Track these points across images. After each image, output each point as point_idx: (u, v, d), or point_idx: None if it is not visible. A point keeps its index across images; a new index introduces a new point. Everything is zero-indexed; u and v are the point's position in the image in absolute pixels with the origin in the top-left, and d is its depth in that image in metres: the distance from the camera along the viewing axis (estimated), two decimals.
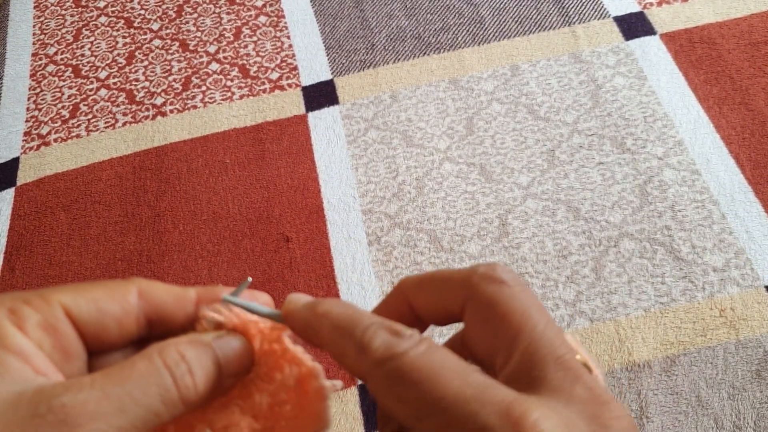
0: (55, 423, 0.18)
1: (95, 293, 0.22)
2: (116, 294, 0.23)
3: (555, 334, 0.21)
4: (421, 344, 0.20)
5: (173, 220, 0.62)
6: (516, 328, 0.21)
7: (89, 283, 0.23)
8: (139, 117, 0.70)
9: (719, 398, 0.48)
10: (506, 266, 0.23)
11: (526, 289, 0.22)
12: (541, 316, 0.21)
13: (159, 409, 0.20)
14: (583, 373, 0.20)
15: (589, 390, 0.19)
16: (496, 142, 0.64)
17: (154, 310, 0.23)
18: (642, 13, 0.72)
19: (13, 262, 0.61)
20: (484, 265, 0.23)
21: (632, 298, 0.53)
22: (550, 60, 0.69)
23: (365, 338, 0.20)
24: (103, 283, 0.23)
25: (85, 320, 0.22)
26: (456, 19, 0.74)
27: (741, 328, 0.51)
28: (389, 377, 0.20)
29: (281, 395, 0.24)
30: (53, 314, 0.21)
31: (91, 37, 0.78)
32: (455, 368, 0.19)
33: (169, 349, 0.21)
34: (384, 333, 0.20)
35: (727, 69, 0.66)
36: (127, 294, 0.23)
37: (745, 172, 0.59)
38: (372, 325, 0.21)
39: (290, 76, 0.72)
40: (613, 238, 0.57)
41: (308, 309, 0.23)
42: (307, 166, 0.64)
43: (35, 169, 0.67)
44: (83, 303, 0.22)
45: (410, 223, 0.59)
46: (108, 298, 0.22)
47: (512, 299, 0.21)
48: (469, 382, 0.19)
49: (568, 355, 0.20)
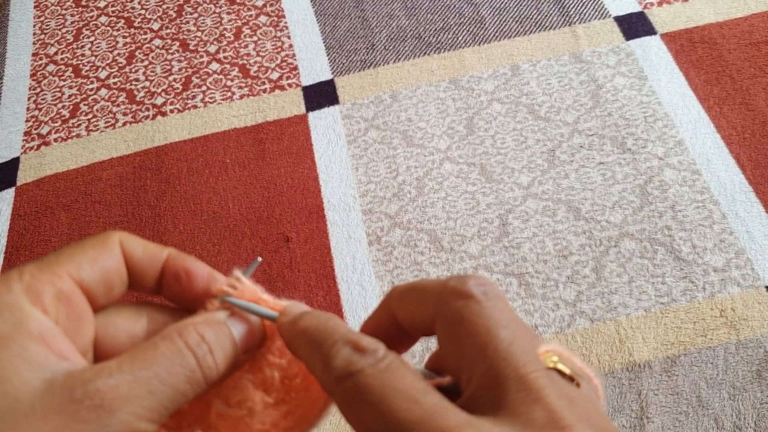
0: (92, 407, 0.19)
1: (91, 253, 0.23)
2: (107, 249, 0.23)
3: (522, 350, 0.20)
4: (382, 362, 0.20)
5: (173, 220, 0.62)
6: (479, 346, 0.20)
7: (80, 244, 0.23)
8: (140, 117, 0.70)
9: (720, 398, 0.48)
10: (482, 277, 0.22)
11: (498, 303, 0.21)
12: (509, 332, 0.20)
13: (185, 389, 0.21)
14: (548, 392, 0.19)
15: (549, 413, 0.18)
16: (497, 142, 0.64)
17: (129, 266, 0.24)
18: (642, 13, 0.72)
19: (13, 262, 0.61)
20: (456, 277, 0.22)
21: (633, 298, 0.53)
22: (551, 60, 0.69)
23: (330, 355, 0.20)
24: (91, 242, 0.23)
25: (92, 285, 0.22)
26: (456, 18, 0.74)
27: (741, 328, 0.51)
28: (346, 395, 0.20)
29: (292, 368, 0.25)
30: (64, 284, 0.21)
31: (91, 36, 0.78)
32: (407, 390, 0.19)
33: (189, 330, 0.22)
34: (347, 349, 0.20)
35: (728, 69, 0.66)
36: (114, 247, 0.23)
37: (746, 172, 0.59)
38: (338, 341, 0.21)
39: (290, 75, 0.72)
40: (613, 238, 0.56)
41: (290, 324, 0.23)
42: (307, 166, 0.64)
43: (35, 169, 0.67)
44: (88, 268, 0.22)
45: (410, 223, 0.59)
46: (104, 256, 0.23)
47: (478, 316, 0.21)
48: (420, 404, 0.19)
49: (534, 374, 0.19)
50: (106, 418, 0.19)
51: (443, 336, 0.21)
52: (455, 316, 0.21)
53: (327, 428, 0.50)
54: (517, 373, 0.19)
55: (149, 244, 0.24)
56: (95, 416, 0.19)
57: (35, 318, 0.20)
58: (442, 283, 0.22)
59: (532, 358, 0.20)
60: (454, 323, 0.21)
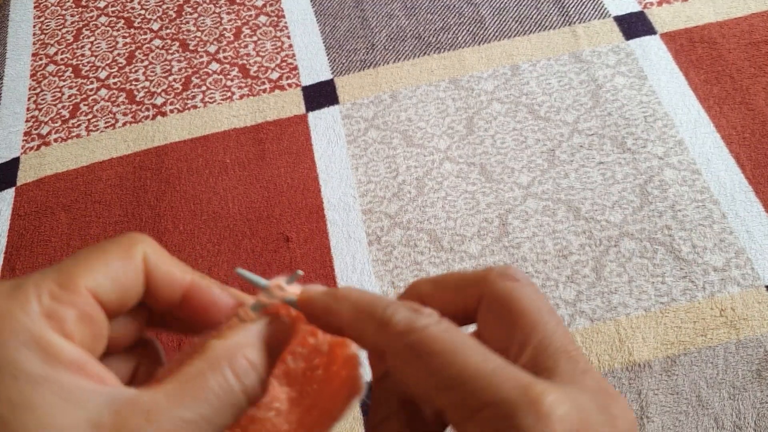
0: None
1: (113, 266, 0.22)
2: (129, 262, 0.22)
3: (565, 332, 0.22)
4: (442, 322, 0.21)
5: (173, 220, 0.62)
6: (530, 323, 0.22)
7: (101, 251, 0.22)
8: (140, 117, 0.70)
9: (720, 398, 0.48)
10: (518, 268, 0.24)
11: (538, 290, 0.23)
12: (552, 316, 0.22)
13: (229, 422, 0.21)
14: (591, 367, 0.21)
15: (599, 382, 0.20)
16: (497, 142, 0.64)
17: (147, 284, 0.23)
18: (642, 13, 0.72)
19: (13, 262, 0.61)
20: (499, 266, 0.24)
21: (633, 298, 0.53)
22: (551, 60, 0.69)
23: (387, 313, 0.21)
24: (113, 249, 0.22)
25: (109, 299, 0.21)
26: (456, 18, 0.74)
27: (741, 327, 0.51)
28: (411, 348, 0.20)
29: (314, 360, 0.25)
30: (86, 304, 0.20)
31: (91, 37, 0.78)
32: (475, 346, 0.20)
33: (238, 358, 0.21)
34: (405, 309, 0.21)
35: (728, 68, 0.66)
36: (136, 259, 0.22)
37: (746, 171, 0.59)
38: (392, 303, 0.22)
39: (290, 75, 0.72)
40: (613, 238, 0.56)
41: (328, 294, 0.23)
42: (307, 165, 0.64)
43: (35, 169, 0.67)
44: (106, 283, 0.21)
45: (410, 223, 0.59)
46: (124, 270, 0.22)
47: (527, 297, 0.22)
48: (489, 359, 0.20)
49: (577, 352, 0.21)
50: None
51: (489, 315, 0.23)
52: (505, 296, 0.22)
53: None
54: (566, 349, 0.21)
55: (173, 264, 0.23)
56: None
57: (63, 348, 0.19)
58: (486, 270, 0.23)
59: (572, 340, 0.22)
60: (504, 302, 0.22)
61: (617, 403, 0.20)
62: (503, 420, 0.18)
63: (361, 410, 0.50)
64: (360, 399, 0.26)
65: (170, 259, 0.23)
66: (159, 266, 0.23)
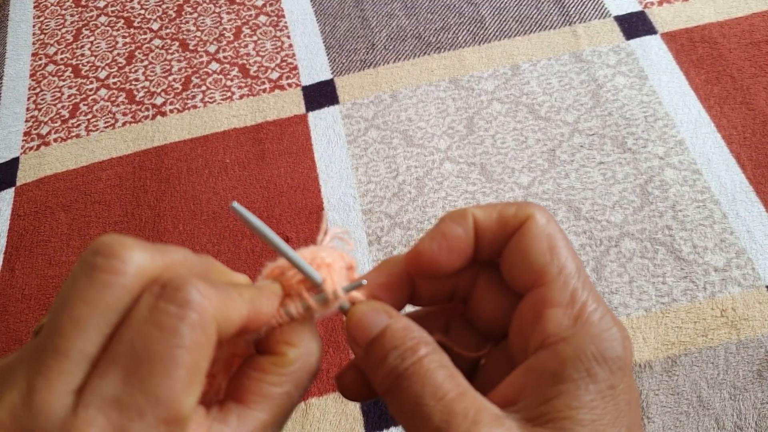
0: None
1: (239, 304, 0.21)
2: (253, 305, 0.22)
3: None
4: None
5: (173, 220, 0.62)
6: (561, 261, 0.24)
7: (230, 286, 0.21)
8: (139, 117, 0.70)
9: (720, 398, 0.48)
10: None
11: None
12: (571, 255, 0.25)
13: None
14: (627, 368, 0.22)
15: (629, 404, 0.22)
16: (497, 142, 0.64)
17: None
18: (643, 13, 0.72)
19: (13, 262, 0.61)
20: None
21: (633, 298, 0.53)
22: (551, 59, 0.69)
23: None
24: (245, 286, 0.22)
25: None
26: (456, 18, 0.74)
27: (742, 328, 0.51)
28: None
29: None
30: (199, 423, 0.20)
31: (91, 36, 0.78)
32: None
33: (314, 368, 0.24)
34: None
35: (728, 68, 0.66)
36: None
37: (747, 171, 0.59)
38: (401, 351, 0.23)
39: (290, 75, 0.71)
40: (614, 238, 0.56)
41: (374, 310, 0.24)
42: (307, 165, 0.64)
43: (35, 169, 0.67)
44: (232, 321, 0.20)
45: (411, 223, 0.59)
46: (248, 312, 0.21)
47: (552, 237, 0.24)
48: None
49: None
50: None
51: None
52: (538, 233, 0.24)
53: (327, 428, 0.49)
54: None
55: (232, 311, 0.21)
56: None
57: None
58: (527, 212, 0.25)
59: None
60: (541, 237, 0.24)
61: None
62: None
63: (361, 411, 0.50)
64: None
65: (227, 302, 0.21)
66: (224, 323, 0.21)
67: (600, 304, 0.23)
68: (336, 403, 0.50)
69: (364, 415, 0.50)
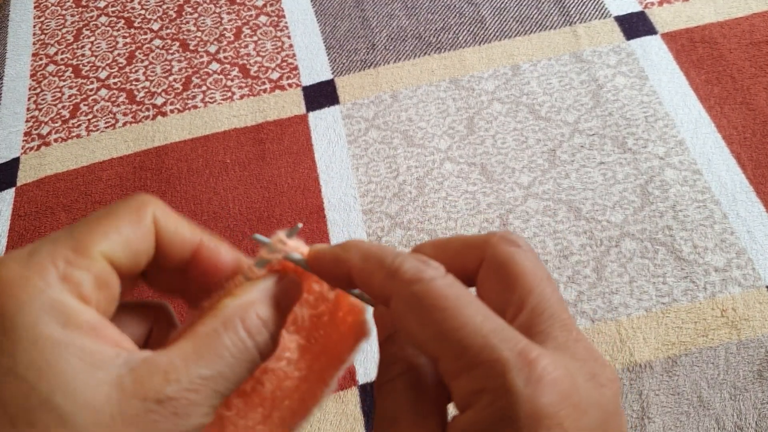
0: (168, 416, 0.19)
1: (125, 231, 0.22)
2: (140, 225, 0.22)
3: (560, 300, 0.22)
4: (448, 277, 0.21)
5: None
6: (528, 287, 0.22)
7: (112, 215, 0.22)
8: (140, 117, 0.70)
9: (721, 398, 0.48)
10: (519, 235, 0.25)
11: (537, 257, 0.23)
12: (549, 282, 0.23)
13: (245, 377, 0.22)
14: (583, 336, 0.22)
15: (590, 351, 0.21)
16: (497, 142, 0.64)
17: (158, 242, 0.23)
18: (643, 13, 0.72)
19: None
20: (501, 231, 0.24)
21: (633, 298, 0.53)
22: (551, 60, 0.69)
23: (396, 262, 0.22)
24: (123, 213, 0.22)
25: (122, 263, 0.22)
26: (457, 18, 0.74)
27: (742, 328, 0.51)
28: (416, 297, 0.21)
29: (320, 307, 0.26)
30: (100, 268, 0.21)
31: (91, 37, 0.78)
32: (477, 304, 0.20)
33: (250, 315, 0.22)
34: (413, 260, 0.22)
35: (729, 68, 0.66)
36: (147, 221, 0.23)
37: (747, 171, 0.59)
38: (401, 253, 0.22)
39: (291, 75, 0.72)
40: (614, 238, 0.56)
41: (337, 245, 0.24)
42: (307, 166, 0.64)
43: (35, 170, 0.67)
44: (119, 247, 0.22)
45: (411, 223, 0.59)
46: (136, 234, 0.22)
47: (526, 261, 0.23)
48: (489, 318, 0.20)
49: (570, 321, 0.22)
50: (182, 424, 0.19)
51: (488, 278, 0.23)
52: (506, 258, 0.23)
53: (327, 428, 0.49)
54: (561, 317, 0.22)
55: (182, 225, 0.24)
56: (171, 425, 0.19)
57: (80, 312, 0.20)
58: (488, 234, 0.24)
59: (566, 308, 0.22)
60: (504, 264, 0.23)
61: (605, 372, 0.21)
62: (495, 378, 0.19)
63: (361, 411, 0.50)
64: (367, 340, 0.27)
65: (179, 219, 0.24)
66: (168, 226, 0.23)
67: None
68: (336, 403, 0.50)
69: (365, 415, 0.50)
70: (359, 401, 0.50)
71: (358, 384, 0.51)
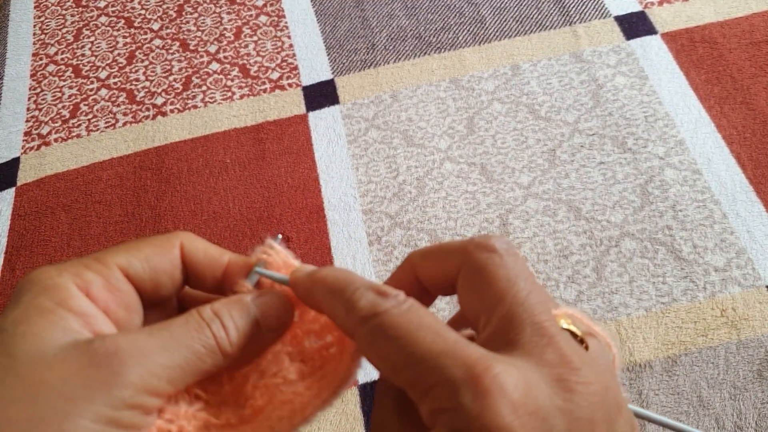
0: (107, 355, 0.20)
1: (146, 251, 0.24)
2: (164, 250, 0.25)
3: (538, 301, 0.22)
4: (404, 304, 0.21)
5: (173, 220, 0.62)
6: (499, 293, 0.22)
7: (139, 241, 0.25)
8: (140, 117, 0.70)
9: (720, 398, 0.48)
10: (502, 236, 0.25)
11: (517, 259, 0.23)
12: (527, 284, 0.22)
13: (200, 351, 0.22)
14: (559, 339, 0.21)
15: (560, 356, 0.20)
16: (497, 142, 0.64)
17: (189, 267, 0.25)
18: (643, 13, 0.72)
19: (13, 262, 0.61)
20: (480, 235, 0.24)
21: (633, 298, 0.53)
22: (551, 59, 0.69)
23: (353, 298, 0.22)
24: (151, 240, 0.25)
25: (140, 278, 0.24)
26: (457, 18, 0.74)
27: (742, 328, 0.51)
28: (371, 333, 0.21)
29: (326, 337, 0.26)
30: (113, 275, 0.23)
31: (91, 36, 0.78)
32: (431, 326, 0.20)
33: (205, 308, 0.24)
34: (370, 293, 0.22)
35: (729, 68, 0.66)
36: (172, 248, 0.25)
37: (747, 171, 0.59)
38: (360, 287, 0.22)
39: (291, 75, 0.72)
40: (614, 238, 0.56)
41: (308, 276, 0.25)
42: (307, 165, 0.64)
43: (35, 169, 0.67)
44: (137, 262, 0.24)
45: (411, 223, 0.59)
46: (158, 255, 0.24)
47: (500, 266, 0.22)
48: (442, 338, 0.20)
49: (548, 322, 0.21)
50: (119, 365, 0.20)
51: (465, 285, 0.23)
52: (479, 266, 0.23)
53: (327, 428, 0.49)
54: (533, 320, 0.21)
55: (211, 248, 0.26)
56: (107, 363, 0.20)
57: (79, 298, 0.22)
58: (467, 240, 0.24)
59: (546, 309, 0.22)
60: (477, 272, 0.23)
61: (577, 377, 0.20)
62: (449, 398, 0.19)
63: (361, 411, 0.50)
64: None
65: (208, 243, 0.26)
66: (198, 250, 0.25)
67: None
68: (336, 404, 0.50)
69: (365, 415, 0.50)
70: (359, 401, 0.50)
71: (358, 384, 0.51)
